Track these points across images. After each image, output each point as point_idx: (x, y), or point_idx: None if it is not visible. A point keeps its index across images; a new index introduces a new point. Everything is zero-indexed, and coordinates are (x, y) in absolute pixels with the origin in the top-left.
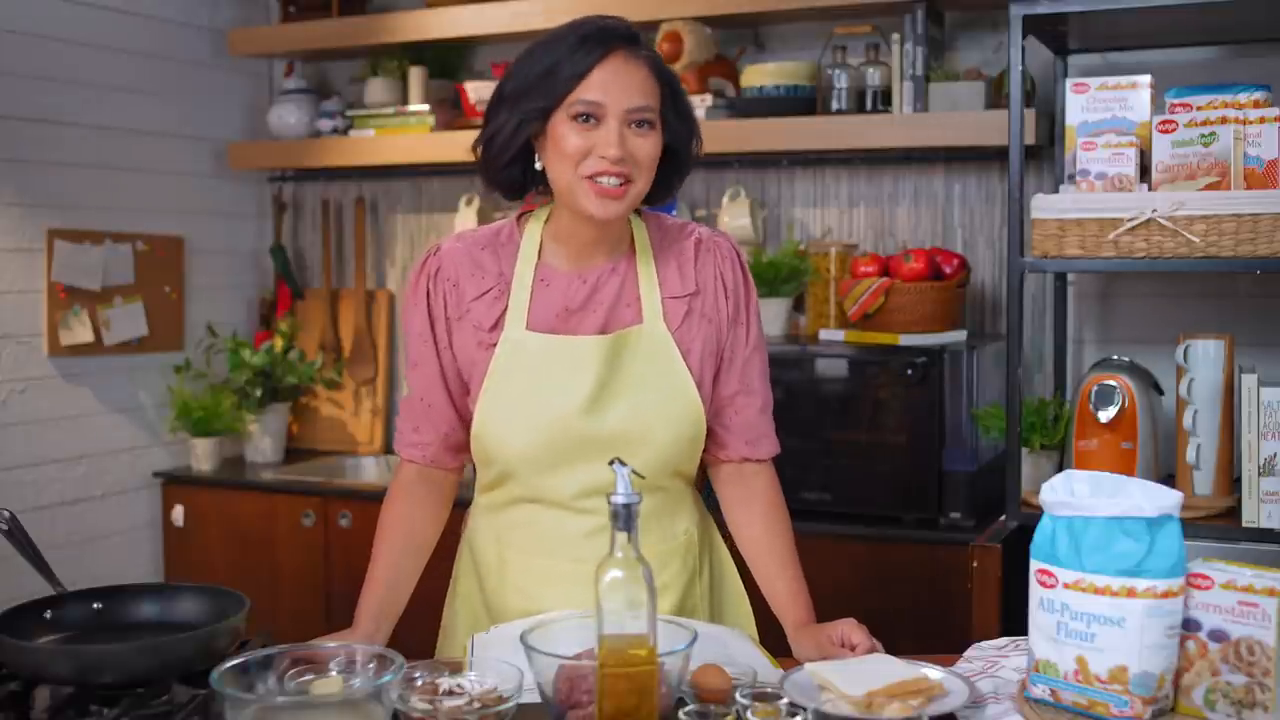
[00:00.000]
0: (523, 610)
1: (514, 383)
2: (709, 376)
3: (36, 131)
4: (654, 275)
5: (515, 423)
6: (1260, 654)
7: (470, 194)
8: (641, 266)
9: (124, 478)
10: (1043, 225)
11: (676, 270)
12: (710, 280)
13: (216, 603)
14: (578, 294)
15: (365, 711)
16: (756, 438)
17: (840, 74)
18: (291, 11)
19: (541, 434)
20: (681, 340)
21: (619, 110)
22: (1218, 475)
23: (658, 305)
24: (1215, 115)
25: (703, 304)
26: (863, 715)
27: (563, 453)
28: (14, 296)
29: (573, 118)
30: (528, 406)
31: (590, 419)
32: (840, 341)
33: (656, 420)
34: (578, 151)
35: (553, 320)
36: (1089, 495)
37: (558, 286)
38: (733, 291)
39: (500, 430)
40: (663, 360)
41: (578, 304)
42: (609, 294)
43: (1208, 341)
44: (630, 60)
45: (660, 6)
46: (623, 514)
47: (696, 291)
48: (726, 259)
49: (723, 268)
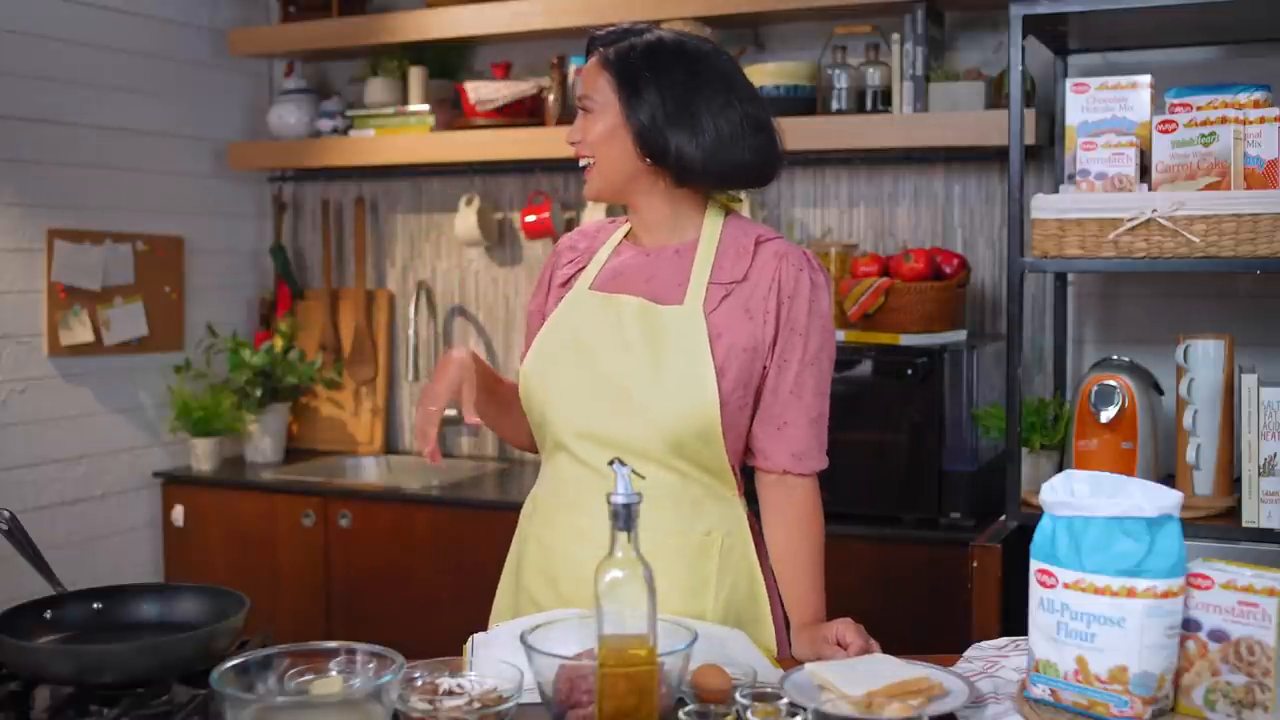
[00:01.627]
0: (541, 565)
1: (563, 329)
2: (736, 370)
3: (36, 131)
4: (710, 261)
5: (554, 364)
6: (1260, 654)
7: (470, 194)
8: (701, 251)
9: (124, 478)
10: (1043, 225)
11: (733, 259)
12: (766, 278)
13: (216, 603)
14: (639, 265)
15: (365, 711)
16: (803, 452)
17: (840, 74)
18: (291, 11)
19: (565, 375)
20: (714, 325)
21: (582, 98)
22: (1218, 475)
23: (701, 288)
24: (1215, 115)
25: (748, 296)
26: (863, 715)
27: (589, 399)
28: (14, 296)
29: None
30: (566, 351)
31: (608, 371)
32: (840, 341)
33: (666, 393)
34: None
35: (609, 283)
36: (1089, 495)
37: (625, 257)
38: (790, 296)
39: (535, 374)
40: (690, 340)
41: (633, 272)
42: (664, 271)
43: (1208, 341)
44: (591, 58)
45: (660, 6)
46: (623, 514)
47: (744, 280)
48: (793, 265)
49: (785, 271)
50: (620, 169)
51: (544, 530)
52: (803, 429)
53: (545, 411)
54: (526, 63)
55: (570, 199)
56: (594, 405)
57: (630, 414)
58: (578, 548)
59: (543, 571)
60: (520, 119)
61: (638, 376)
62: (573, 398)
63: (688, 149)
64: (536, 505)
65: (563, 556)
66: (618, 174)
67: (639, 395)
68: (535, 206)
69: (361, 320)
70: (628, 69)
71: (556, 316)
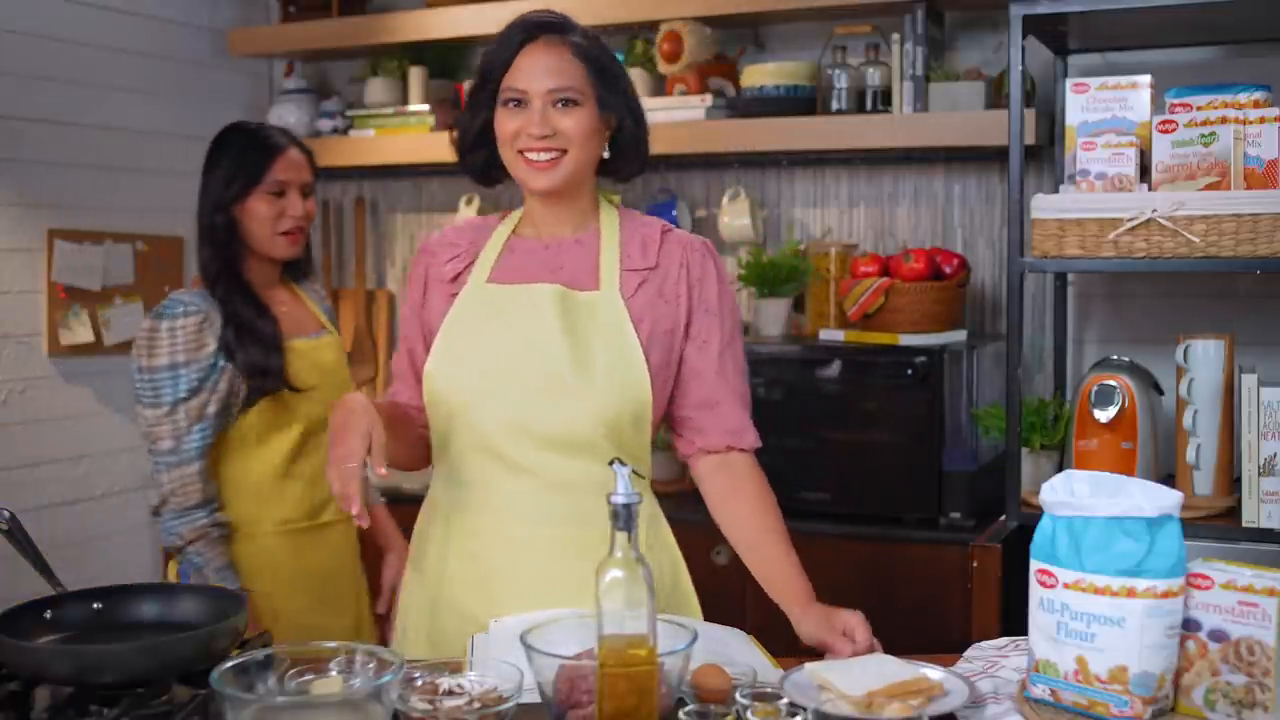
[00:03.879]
0: (475, 581)
1: (469, 324)
2: (658, 355)
3: (36, 131)
4: (617, 249)
5: (466, 357)
6: (1260, 654)
7: (470, 194)
8: (605, 241)
9: (124, 478)
10: (1043, 225)
11: (640, 247)
12: (674, 264)
13: (216, 603)
14: (540, 258)
15: (365, 711)
16: (738, 428)
17: (840, 74)
18: (291, 11)
19: (485, 368)
20: (634, 310)
21: (541, 91)
22: (1218, 475)
23: (615, 275)
24: (1215, 115)
25: (661, 282)
26: (863, 715)
27: (516, 389)
28: (14, 296)
29: (504, 104)
30: (480, 344)
31: (536, 358)
32: (840, 341)
33: (599, 376)
34: (510, 133)
35: (512, 275)
36: (1089, 495)
37: (521, 251)
38: (700, 280)
39: (449, 367)
40: (615, 326)
41: (537, 265)
42: (570, 261)
43: (1208, 341)
44: (552, 45)
45: (660, 6)
46: (623, 514)
47: (656, 267)
48: (696, 251)
49: (690, 257)
50: (590, 161)
51: (469, 541)
52: (735, 407)
53: (464, 412)
54: None
55: None
56: (525, 398)
57: (567, 402)
58: (517, 564)
59: (477, 588)
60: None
61: (569, 363)
62: (499, 393)
63: (644, 143)
64: (446, 511)
65: (501, 572)
66: (587, 166)
67: (572, 381)
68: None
69: (361, 320)
70: (600, 61)
71: (457, 313)
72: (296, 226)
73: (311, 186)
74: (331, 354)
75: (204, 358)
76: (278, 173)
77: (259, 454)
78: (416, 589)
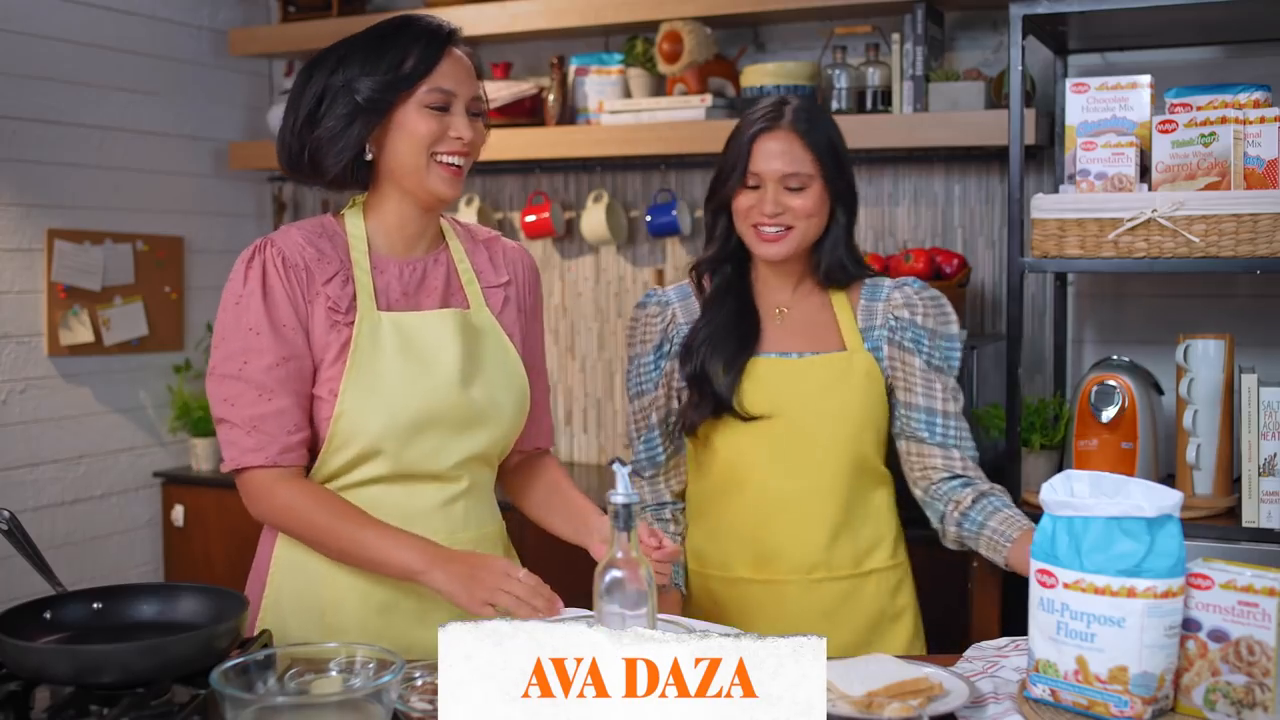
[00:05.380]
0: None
1: (379, 359)
2: (526, 362)
3: (36, 131)
4: (470, 266)
5: (388, 397)
6: (1260, 654)
7: (470, 194)
8: (457, 258)
9: (124, 478)
10: (1043, 225)
11: (488, 261)
12: (518, 273)
13: (216, 603)
14: (411, 280)
15: (365, 711)
16: (548, 430)
17: (840, 74)
18: (291, 11)
19: (419, 405)
20: (505, 325)
21: (466, 98)
22: (1218, 475)
23: (479, 292)
24: (1215, 115)
25: (516, 293)
26: (863, 715)
27: (440, 424)
28: (14, 296)
29: (425, 105)
30: (399, 380)
31: (461, 389)
32: None
33: (503, 397)
34: (431, 135)
35: (396, 302)
36: (1089, 495)
37: (391, 274)
38: (530, 288)
39: (369, 406)
40: (496, 343)
41: (414, 289)
42: (437, 281)
43: (1208, 341)
44: (463, 56)
45: (660, 6)
46: (622, 514)
47: (509, 281)
48: (523, 260)
49: (523, 264)
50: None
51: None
52: (546, 409)
53: (379, 444)
54: (526, 63)
55: (570, 199)
56: (464, 438)
57: (484, 424)
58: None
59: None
60: (520, 119)
61: (484, 396)
62: (440, 441)
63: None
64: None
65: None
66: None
67: (489, 412)
68: (535, 206)
69: None
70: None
71: (365, 346)
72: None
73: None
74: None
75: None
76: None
77: None
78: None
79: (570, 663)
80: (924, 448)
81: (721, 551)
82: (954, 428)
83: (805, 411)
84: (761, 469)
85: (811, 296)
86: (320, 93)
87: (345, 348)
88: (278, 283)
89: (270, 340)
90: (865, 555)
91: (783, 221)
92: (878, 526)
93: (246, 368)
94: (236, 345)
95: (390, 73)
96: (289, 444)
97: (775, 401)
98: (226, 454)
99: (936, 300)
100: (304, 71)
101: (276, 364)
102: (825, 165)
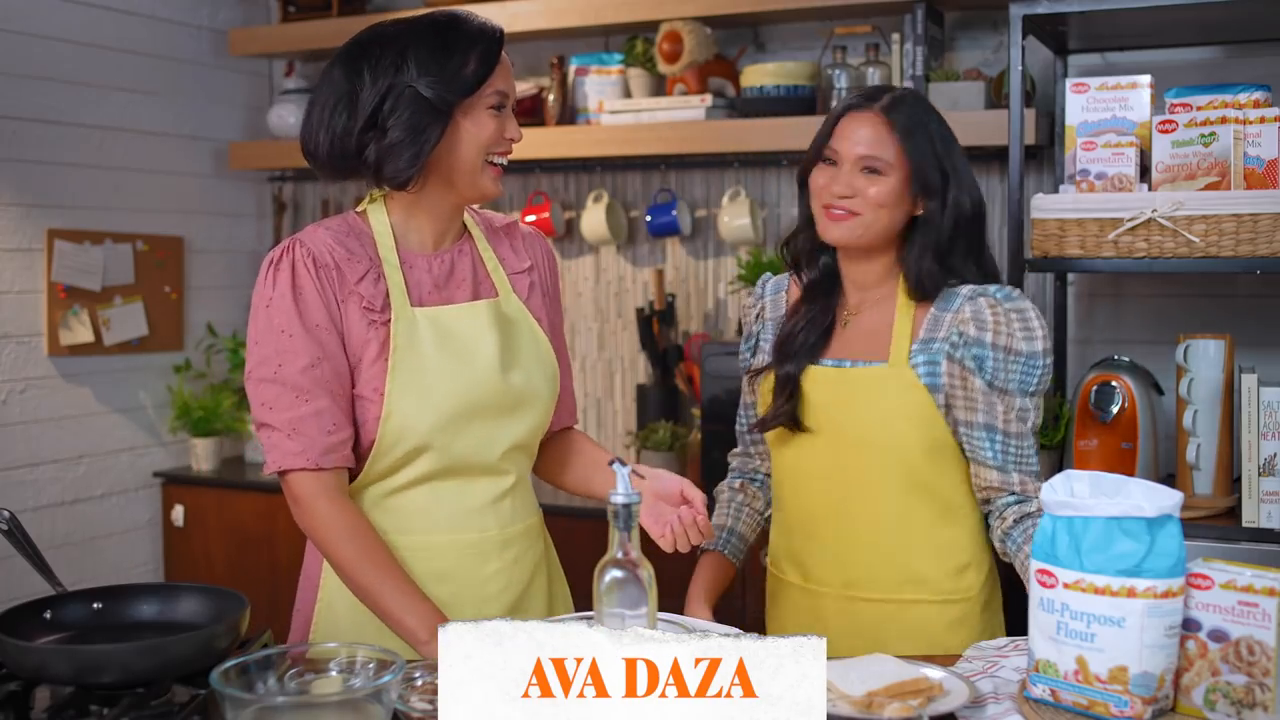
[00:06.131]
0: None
1: (420, 355)
2: (555, 348)
3: (36, 131)
4: (493, 254)
5: (433, 392)
6: (1260, 654)
7: None
8: (481, 248)
9: (124, 478)
10: (1043, 225)
11: (509, 248)
12: (539, 257)
13: (216, 603)
14: (440, 273)
15: (365, 711)
16: (573, 407)
17: (840, 74)
18: (291, 11)
19: (464, 397)
20: (533, 311)
21: (513, 99)
22: (1218, 475)
23: (506, 280)
24: (1215, 115)
25: (539, 278)
26: (863, 715)
27: (485, 413)
28: (14, 296)
29: (490, 107)
30: (443, 374)
31: (502, 377)
32: None
33: (539, 381)
34: (494, 136)
35: (428, 297)
36: (1089, 495)
37: (420, 268)
38: (551, 270)
39: (417, 403)
40: (528, 329)
41: (444, 282)
42: (465, 272)
43: (1208, 341)
44: (505, 57)
45: (660, 6)
46: (623, 514)
47: (533, 266)
48: (541, 244)
49: (541, 248)
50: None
51: (421, 560)
52: (570, 387)
53: (429, 440)
54: (526, 63)
55: (570, 199)
56: (509, 426)
57: (526, 409)
58: (478, 564)
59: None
60: (520, 119)
61: (523, 384)
62: (488, 432)
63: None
64: (395, 544)
65: (458, 579)
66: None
67: (528, 398)
68: (535, 206)
69: None
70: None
71: (404, 344)
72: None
73: None
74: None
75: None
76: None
77: None
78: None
79: (570, 663)
80: (980, 468)
81: (776, 549)
82: (1014, 447)
83: (845, 424)
84: (807, 479)
85: (885, 302)
86: (383, 94)
87: (384, 346)
88: (309, 283)
89: (303, 341)
90: (912, 584)
91: (851, 206)
92: (939, 558)
93: (281, 370)
94: (270, 349)
95: (456, 75)
96: (330, 444)
97: (820, 413)
98: (269, 457)
99: (1020, 314)
100: (349, 71)
101: (311, 365)
102: (912, 158)
